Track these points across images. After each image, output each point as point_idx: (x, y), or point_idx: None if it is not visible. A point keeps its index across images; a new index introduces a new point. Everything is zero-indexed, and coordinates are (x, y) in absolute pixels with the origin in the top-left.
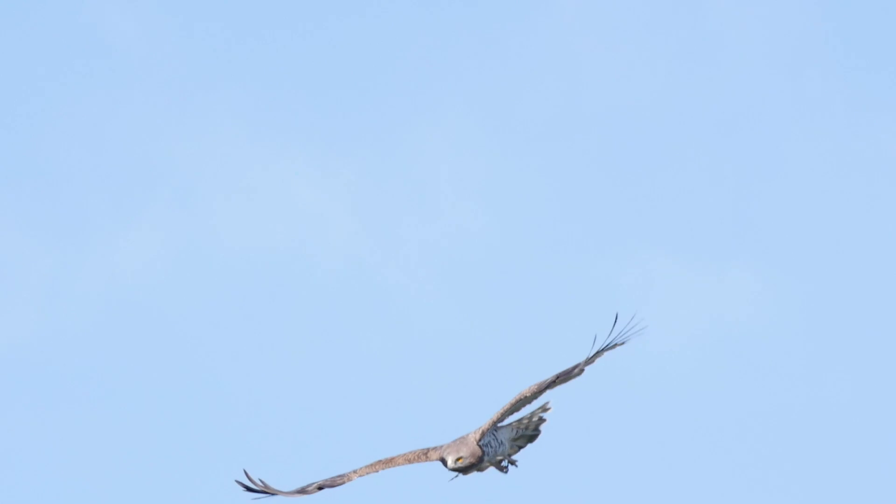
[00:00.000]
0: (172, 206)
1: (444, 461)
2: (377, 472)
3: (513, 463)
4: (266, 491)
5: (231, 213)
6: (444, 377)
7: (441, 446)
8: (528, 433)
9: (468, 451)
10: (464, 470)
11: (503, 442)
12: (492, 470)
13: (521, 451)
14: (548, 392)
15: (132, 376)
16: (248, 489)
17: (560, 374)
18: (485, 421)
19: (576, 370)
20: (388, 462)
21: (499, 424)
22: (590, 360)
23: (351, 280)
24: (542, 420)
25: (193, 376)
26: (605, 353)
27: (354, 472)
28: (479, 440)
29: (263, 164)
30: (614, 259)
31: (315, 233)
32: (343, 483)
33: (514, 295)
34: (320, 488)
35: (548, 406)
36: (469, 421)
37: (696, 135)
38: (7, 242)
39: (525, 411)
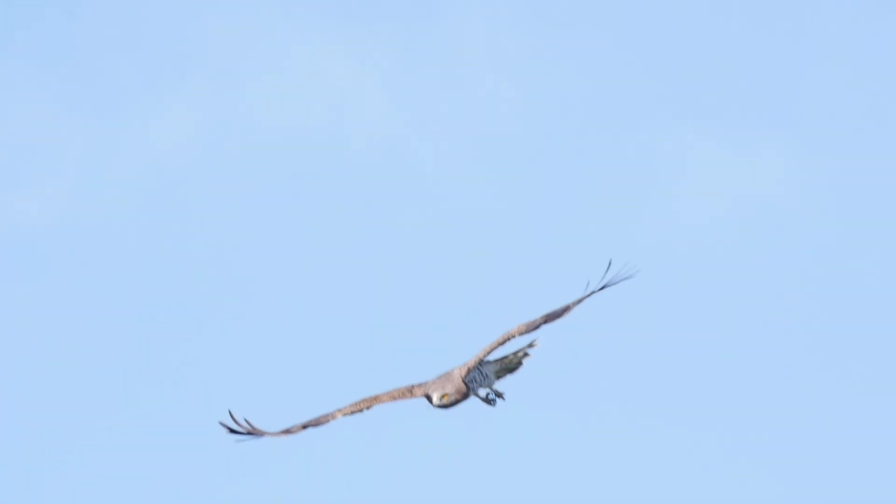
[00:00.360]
0: (207, 85)
1: (429, 398)
2: (361, 410)
3: (500, 395)
4: (251, 432)
5: (265, 92)
6: (475, 254)
7: (426, 383)
8: (511, 367)
9: (453, 388)
10: (449, 406)
11: (488, 375)
12: (478, 401)
13: (502, 380)
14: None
15: (161, 257)
16: (233, 431)
17: (548, 314)
18: (470, 357)
19: (564, 311)
20: (373, 400)
21: (484, 360)
22: (578, 302)
23: (384, 157)
24: (526, 355)
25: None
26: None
27: (339, 410)
28: (465, 377)
29: (298, 43)
30: (647, 136)
31: (349, 111)
32: (328, 422)
33: (546, 172)
34: (305, 427)
35: (535, 343)
36: (487, 312)
37: (731, 14)
38: (43, 122)
39: (512, 347)
